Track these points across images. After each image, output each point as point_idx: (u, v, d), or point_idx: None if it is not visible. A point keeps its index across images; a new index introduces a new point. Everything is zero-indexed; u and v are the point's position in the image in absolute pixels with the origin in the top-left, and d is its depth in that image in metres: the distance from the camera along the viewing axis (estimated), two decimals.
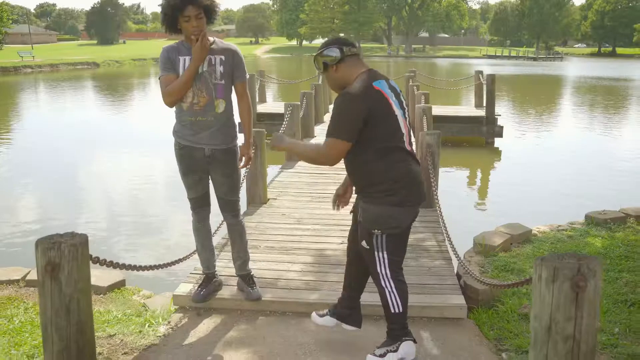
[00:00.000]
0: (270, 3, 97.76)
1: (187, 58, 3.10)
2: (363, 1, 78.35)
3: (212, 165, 3.27)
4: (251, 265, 3.72)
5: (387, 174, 2.60)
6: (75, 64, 45.72)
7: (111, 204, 8.11)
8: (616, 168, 10.52)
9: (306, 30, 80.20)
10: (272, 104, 14.99)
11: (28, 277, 4.50)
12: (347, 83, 2.62)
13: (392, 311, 2.75)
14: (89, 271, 2.10)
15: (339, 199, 3.04)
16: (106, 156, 11.72)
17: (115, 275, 4.50)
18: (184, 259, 3.93)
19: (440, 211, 4.78)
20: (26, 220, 7.27)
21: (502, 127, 12.45)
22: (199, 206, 3.39)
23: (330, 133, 2.58)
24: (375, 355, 2.82)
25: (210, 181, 3.38)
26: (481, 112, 12.78)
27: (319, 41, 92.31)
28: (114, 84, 30.84)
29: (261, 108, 13.25)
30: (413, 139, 4.15)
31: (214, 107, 3.17)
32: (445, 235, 4.48)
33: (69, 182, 9.47)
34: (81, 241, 2.04)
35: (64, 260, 1.98)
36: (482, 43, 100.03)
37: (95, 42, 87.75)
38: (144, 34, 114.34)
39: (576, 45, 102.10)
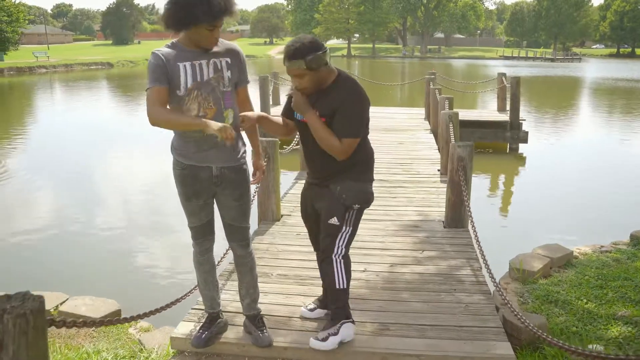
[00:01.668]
0: (285, 3, 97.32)
1: (188, 64, 2.58)
2: (378, 1, 77.65)
3: (220, 187, 2.77)
4: (261, 298, 3.20)
5: (367, 153, 2.85)
6: (89, 64, 45.71)
7: (123, 210, 7.64)
8: None
9: (320, 30, 79.64)
10: None
11: None
12: (322, 84, 2.72)
13: (337, 287, 2.82)
14: (45, 347, 1.59)
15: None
16: (120, 158, 11.41)
17: (109, 305, 4.04)
18: (184, 297, 3.42)
19: (475, 233, 4.22)
20: (30, 228, 6.83)
21: (527, 133, 11.85)
22: (203, 236, 2.89)
23: (350, 133, 2.69)
24: (318, 339, 2.91)
25: (214, 206, 2.88)
26: (504, 117, 12.18)
27: (333, 41, 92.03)
28: (127, 85, 30.56)
29: (275, 111, 12.77)
30: None
31: (223, 119, 2.67)
32: (482, 262, 3.93)
33: (81, 184, 9.07)
34: (34, 308, 1.53)
35: (7, 337, 1.47)
36: (498, 44, 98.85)
37: (110, 42, 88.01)
38: (159, 34, 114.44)
39: (594, 46, 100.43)
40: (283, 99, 17.19)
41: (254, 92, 14.60)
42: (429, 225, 5.03)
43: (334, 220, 2.78)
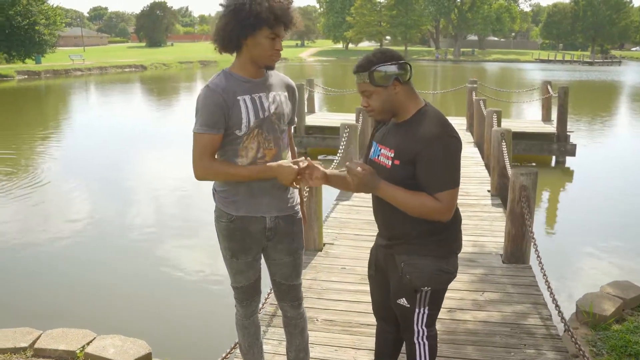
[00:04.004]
0: (317, 6, 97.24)
1: (248, 98, 2.19)
2: (411, 4, 76.81)
3: (272, 241, 2.38)
4: None
5: (453, 217, 2.18)
6: (123, 66, 46.21)
7: (156, 235, 7.17)
8: None
9: (352, 33, 79.23)
10: (321, 115, 14.16)
11: (38, 344, 3.74)
12: (398, 110, 2.15)
13: None
14: None
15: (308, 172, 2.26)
16: (154, 164, 11.29)
17: (139, 347, 3.70)
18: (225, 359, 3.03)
19: (544, 273, 3.77)
20: (57, 250, 6.59)
21: (574, 145, 11.22)
22: (249, 297, 2.49)
23: (447, 184, 2.07)
24: None
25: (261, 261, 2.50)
26: (550, 128, 11.58)
27: (365, 44, 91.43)
28: (160, 88, 30.66)
29: (310, 120, 12.40)
30: None
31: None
32: (555, 308, 3.47)
33: (114, 197, 8.82)
34: None
35: None
36: (533, 46, 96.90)
37: (144, 44, 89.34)
38: (191, 36, 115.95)
39: (633, 49, 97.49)
40: (318, 107, 16.83)
41: None
42: (485, 259, 4.58)
43: (403, 302, 2.25)
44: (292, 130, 2.53)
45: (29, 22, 43.69)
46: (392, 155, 2.14)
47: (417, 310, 2.25)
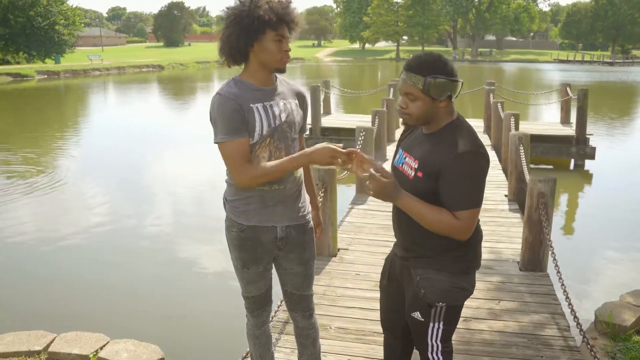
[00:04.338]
0: (334, 6, 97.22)
1: (260, 106, 2.16)
2: (428, 4, 76.44)
3: (284, 250, 2.35)
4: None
5: (471, 236, 2.08)
6: (141, 66, 46.63)
7: (171, 239, 7.20)
8: None
9: (369, 33, 79.06)
10: (336, 117, 14.12)
11: (52, 348, 3.75)
12: (432, 121, 2.08)
13: None
14: None
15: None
16: (171, 166, 11.31)
17: (152, 352, 3.71)
18: None
19: (562, 282, 3.70)
20: (71, 253, 6.64)
21: (594, 148, 11.04)
22: (260, 307, 2.46)
23: (468, 203, 2.01)
24: None
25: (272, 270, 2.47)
26: (569, 131, 11.41)
27: (381, 44, 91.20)
28: (177, 87, 30.87)
29: (325, 121, 12.37)
30: None
31: (293, 171, 2.29)
32: (573, 319, 3.39)
33: (129, 199, 8.85)
34: None
35: None
36: (552, 46, 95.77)
37: (161, 44, 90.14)
38: (209, 36, 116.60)
39: None
40: (334, 108, 16.80)
41: None
42: (502, 266, 4.51)
43: (417, 315, 2.19)
44: (306, 134, 2.50)
45: (48, 23, 44.36)
46: (416, 166, 2.09)
47: (431, 324, 2.19)
